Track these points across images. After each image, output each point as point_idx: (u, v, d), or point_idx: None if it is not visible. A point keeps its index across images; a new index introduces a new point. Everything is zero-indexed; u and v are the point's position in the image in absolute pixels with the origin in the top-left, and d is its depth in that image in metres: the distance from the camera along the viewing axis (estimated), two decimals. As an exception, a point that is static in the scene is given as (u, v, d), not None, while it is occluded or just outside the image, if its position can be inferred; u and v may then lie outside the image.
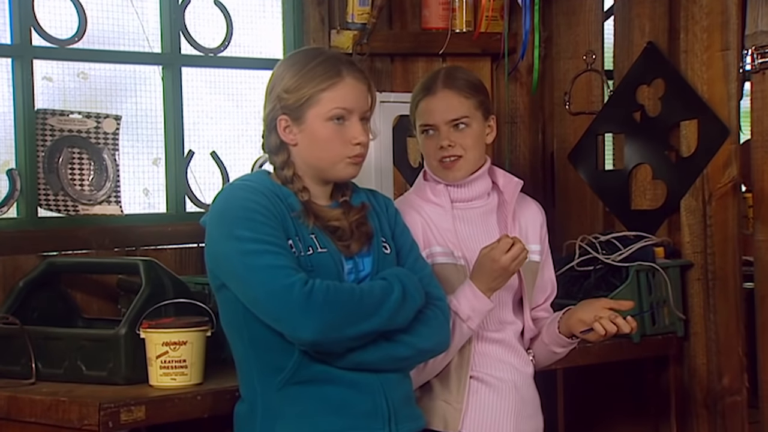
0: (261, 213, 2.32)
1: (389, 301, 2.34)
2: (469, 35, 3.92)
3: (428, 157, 2.72)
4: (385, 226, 2.53)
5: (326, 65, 2.41)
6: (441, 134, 2.68)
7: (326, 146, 2.39)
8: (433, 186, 2.76)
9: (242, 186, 2.39)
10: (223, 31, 3.59)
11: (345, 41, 3.73)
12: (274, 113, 2.42)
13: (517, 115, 4.04)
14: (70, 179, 3.28)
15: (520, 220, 2.82)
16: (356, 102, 2.40)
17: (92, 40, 3.30)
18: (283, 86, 2.40)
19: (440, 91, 2.69)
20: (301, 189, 2.42)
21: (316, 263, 2.36)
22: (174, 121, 3.45)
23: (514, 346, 2.81)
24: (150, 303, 2.81)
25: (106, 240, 3.26)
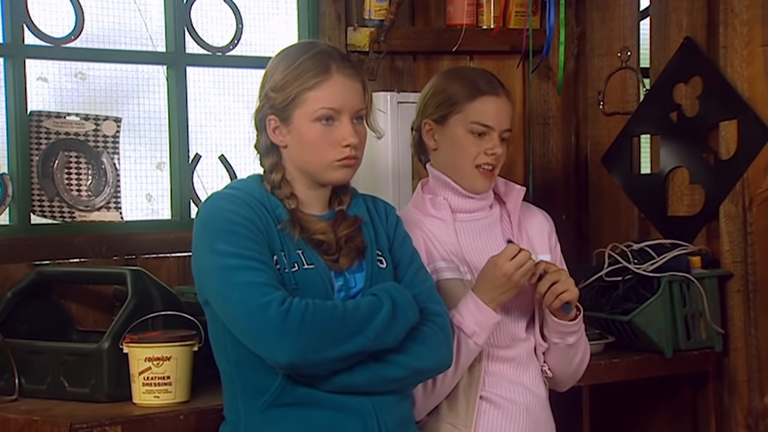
0: (244, 226, 2.21)
1: (376, 319, 2.19)
2: (498, 32, 3.78)
3: (466, 158, 2.57)
4: (382, 237, 2.40)
5: (314, 61, 2.28)
6: (493, 138, 2.56)
7: (313, 149, 2.27)
8: (432, 199, 2.64)
9: (227, 196, 2.28)
10: (232, 29, 3.48)
11: (362, 39, 3.61)
12: (263, 113, 2.31)
13: (550, 116, 3.91)
14: (66, 184, 3.18)
15: (526, 230, 2.70)
16: (345, 101, 2.27)
17: (91, 38, 3.20)
18: (271, 84, 2.30)
19: (502, 95, 2.58)
20: (288, 195, 2.30)
21: (302, 280, 2.24)
22: (179, 123, 3.34)
23: (527, 366, 2.66)
24: (136, 315, 2.69)
25: (103, 248, 3.15)
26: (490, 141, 2.57)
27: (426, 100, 2.65)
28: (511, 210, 2.68)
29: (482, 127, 2.56)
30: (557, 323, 2.58)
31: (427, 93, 2.66)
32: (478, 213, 2.66)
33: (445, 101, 2.60)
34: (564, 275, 2.51)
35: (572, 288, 2.50)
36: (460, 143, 2.57)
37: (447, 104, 2.59)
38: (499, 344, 2.61)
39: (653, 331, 3.26)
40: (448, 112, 2.58)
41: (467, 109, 2.56)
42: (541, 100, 3.89)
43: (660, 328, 3.26)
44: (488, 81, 2.59)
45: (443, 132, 2.60)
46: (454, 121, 2.58)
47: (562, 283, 2.49)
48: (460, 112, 2.57)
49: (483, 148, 2.56)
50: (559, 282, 2.49)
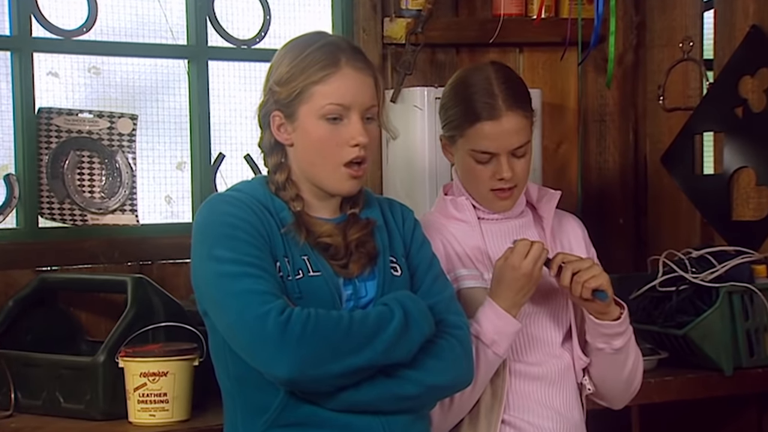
0: (243, 230, 2.07)
1: (386, 331, 2.03)
2: (549, 22, 3.63)
3: (476, 184, 2.42)
4: (397, 243, 2.24)
5: (322, 53, 2.13)
6: (501, 163, 2.37)
7: (319, 149, 2.12)
8: (453, 200, 2.47)
9: (227, 198, 2.14)
10: (260, 21, 3.37)
11: (398, 30, 3.47)
12: (267, 108, 2.17)
13: (606, 113, 3.78)
14: (78, 186, 3.08)
15: (561, 238, 2.52)
16: (355, 97, 2.11)
17: (105, 31, 3.10)
18: (276, 77, 2.15)
19: (505, 115, 2.35)
20: (293, 197, 2.16)
21: (307, 289, 2.09)
22: (200, 120, 3.22)
23: (560, 385, 2.45)
24: (134, 327, 2.57)
25: (116, 253, 3.03)
26: (497, 165, 2.39)
27: (440, 109, 2.49)
28: (544, 216, 2.51)
29: (483, 155, 2.39)
30: (598, 324, 2.38)
31: (442, 100, 2.49)
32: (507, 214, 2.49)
33: (449, 122, 2.44)
34: (586, 263, 2.33)
35: (599, 273, 2.31)
36: (469, 168, 2.42)
37: (451, 126, 2.43)
38: (527, 359, 2.42)
39: (710, 347, 3.06)
40: (454, 134, 2.43)
41: (467, 135, 2.39)
42: (597, 96, 3.75)
43: (718, 343, 3.06)
44: (487, 99, 2.37)
45: (455, 152, 2.45)
46: (460, 145, 2.42)
47: (585, 270, 2.31)
48: (462, 137, 2.40)
49: (491, 174, 2.40)
50: (582, 270, 2.30)
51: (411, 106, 3.31)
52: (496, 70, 2.42)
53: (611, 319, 2.37)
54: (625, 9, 3.68)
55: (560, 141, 3.73)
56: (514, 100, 2.37)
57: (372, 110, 2.14)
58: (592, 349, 2.43)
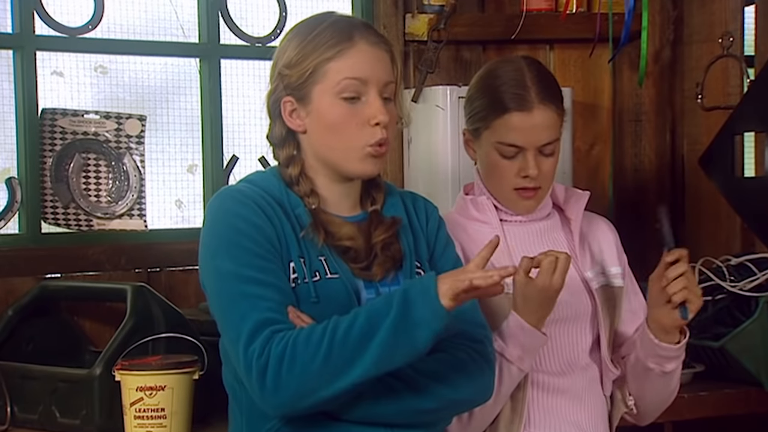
0: (249, 237, 1.97)
1: (375, 339, 1.87)
2: (581, 17, 3.53)
3: (499, 181, 2.33)
4: (422, 245, 2.14)
5: (334, 29, 2.03)
6: (527, 159, 2.28)
7: (337, 130, 2.02)
8: (474, 200, 2.38)
9: (236, 194, 2.03)
10: (275, 17, 3.29)
11: (420, 27, 3.37)
12: (277, 95, 2.06)
13: (642, 112, 3.66)
14: (84, 189, 3.00)
15: (590, 243, 2.42)
16: (372, 71, 2.01)
17: (113, 28, 3.04)
18: (284, 60, 2.05)
19: (537, 107, 2.27)
20: (308, 193, 2.06)
21: (324, 292, 1.99)
22: (212, 121, 3.15)
23: (586, 399, 2.36)
24: (133, 338, 2.49)
25: (123, 260, 2.96)
26: (524, 161, 2.29)
27: (465, 102, 2.41)
28: (572, 218, 2.41)
29: (510, 148, 2.29)
30: (656, 344, 2.29)
31: (468, 93, 2.41)
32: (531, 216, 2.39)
33: (475, 113, 2.35)
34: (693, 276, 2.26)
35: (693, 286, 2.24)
36: (492, 164, 2.33)
37: (477, 118, 2.35)
38: (551, 370, 2.32)
39: (749, 360, 2.96)
40: (479, 127, 2.34)
41: (493, 126, 2.30)
42: (632, 94, 3.64)
43: (758, 356, 2.95)
44: (519, 91, 2.28)
45: (478, 146, 2.36)
46: (485, 138, 2.33)
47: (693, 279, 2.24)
48: (488, 129, 2.32)
49: (517, 170, 2.30)
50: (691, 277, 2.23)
51: (433, 106, 3.22)
52: (529, 63, 2.35)
53: (672, 341, 2.28)
54: (662, 3, 3.58)
55: (593, 142, 3.63)
56: (546, 94, 2.29)
57: (389, 88, 2.04)
58: (640, 367, 2.34)
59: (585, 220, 2.42)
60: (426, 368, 1.99)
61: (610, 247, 2.44)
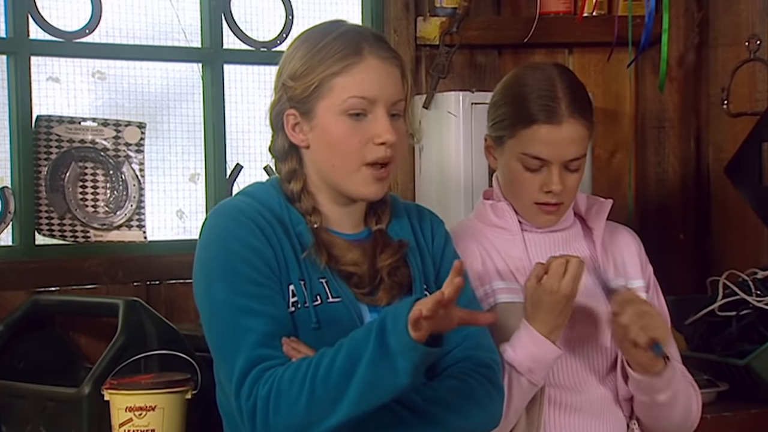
0: (245, 260, 1.90)
1: (354, 377, 1.79)
2: (601, 20, 3.45)
3: (520, 194, 2.27)
4: (428, 263, 2.07)
5: (342, 41, 1.97)
6: (552, 174, 2.22)
7: (341, 148, 1.96)
8: (494, 205, 2.31)
9: (234, 212, 1.96)
10: (281, 21, 3.22)
11: (432, 31, 3.29)
12: (280, 107, 2.01)
13: (665, 119, 3.58)
14: (80, 199, 2.93)
15: (613, 253, 2.35)
16: (381, 89, 1.95)
17: (111, 32, 2.96)
18: (289, 71, 1.99)
19: (566, 121, 2.21)
20: (310, 211, 1.99)
21: (326, 316, 1.93)
22: (215, 129, 3.08)
23: (603, 418, 2.29)
24: (124, 355, 2.43)
25: (120, 273, 2.88)
26: (548, 175, 2.23)
27: (489, 107, 2.34)
28: (594, 227, 2.35)
29: (534, 161, 2.22)
30: (638, 379, 2.22)
31: (493, 98, 2.34)
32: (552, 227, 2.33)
33: (499, 120, 2.28)
34: (651, 307, 2.18)
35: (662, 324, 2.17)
36: (514, 175, 2.26)
37: (501, 125, 2.28)
38: (566, 385, 2.26)
39: None
40: (503, 135, 2.27)
41: (519, 136, 2.24)
42: (655, 100, 3.55)
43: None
44: (549, 102, 2.21)
45: (500, 154, 2.29)
46: (509, 147, 2.26)
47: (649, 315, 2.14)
48: (513, 138, 2.25)
49: (540, 184, 2.24)
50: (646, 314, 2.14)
51: (445, 113, 3.15)
52: (561, 72, 2.28)
53: (653, 372, 2.20)
54: (686, 4, 3.50)
55: (614, 149, 3.54)
56: (576, 107, 2.22)
57: (399, 105, 1.97)
58: (635, 400, 2.27)
59: (607, 230, 2.35)
60: (433, 395, 1.94)
61: (633, 258, 2.37)
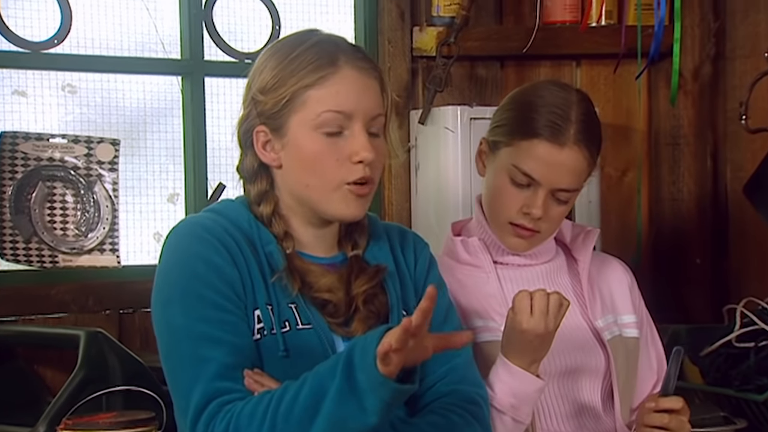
0: (207, 282, 1.81)
1: (319, 415, 1.67)
2: (611, 30, 3.34)
3: (500, 208, 2.16)
4: (409, 290, 1.96)
5: (316, 52, 1.87)
6: (537, 196, 2.11)
7: (314, 167, 1.86)
8: (464, 241, 2.20)
9: (197, 230, 1.86)
10: (267, 30, 3.13)
11: (428, 41, 3.21)
12: (249, 123, 1.92)
13: (680, 135, 3.49)
14: (48, 222, 2.82)
15: (600, 287, 2.23)
16: (358, 103, 1.85)
17: (83, 43, 2.89)
18: (259, 84, 1.89)
19: (570, 147, 2.11)
20: (282, 236, 1.88)
21: (294, 345, 1.82)
22: (196, 146, 3.01)
23: None
24: (84, 391, 2.33)
25: (90, 300, 2.78)
26: (533, 196, 2.11)
27: (496, 110, 2.24)
28: (580, 258, 2.23)
29: (523, 177, 2.11)
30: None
31: (504, 102, 2.24)
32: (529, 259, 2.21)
33: (501, 125, 2.18)
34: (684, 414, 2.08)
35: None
36: (500, 186, 2.15)
37: (501, 130, 2.17)
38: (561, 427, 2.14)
39: None
40: (500, 141, 2.16)
41: (518, 146, 2.13)
42: (669, 115, 3.46)
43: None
44: (558, 120, 2.11)
45: (491, 162, 2.19)
46: (502, 155, 2.15)
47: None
48: (510, 146, 2.14)
49: (521, 203, 2.13)
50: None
51: (442, 128, 3.04)
52: (581, 99, 2.17)
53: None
54: (702, 14, 3.40)
55: (625, 168, 3.44)
56: (584, 136, 2.12)
57: (378, 121, 1.87)
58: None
59: (595, 262, 2.23)
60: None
61: (624, 291, 2.26)
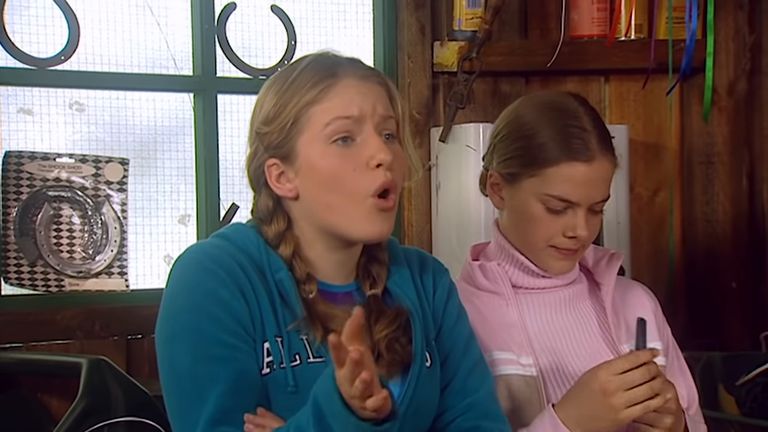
0: (213, 317, 1.70)
1: None
2: (640, 44, 3.26)
3: (536, 236, 2.04)
4: (430, 323, 1.85)
5: (312, 69, 1.77)
6: (578, 218, 2.00)
7: (333, 183, 1.74)
8: (483, 266, 2.08)
9: (203, 260, 1.75)
10: (282, 46, 3.08)
11: (449, 56, 3.14)
12: (258, 159, 1.80)
13: (714, 153, 3.41)
14: (54, 244, 2.80)
15: (625, 314, 2.10)
16: (364, 105, 1.74)
17: (91, 59, 2.88)
18: (261, 117, 1.79)
19: (597, 159, 2.00)
20: (304, 279, 1.77)
21: (304, 378, 1.71)
22: (208, 165, 2.97)
23: None
24: (85, 422, 2.26)
25: (96, 326, 2.73)
26: (573, 218, 2.00)
27: (497, 139, 2.10)
28: (603, 283, 2.11)
29: (560, 202, 2.00)
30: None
31: (500, 129, 2.10)
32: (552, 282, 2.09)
33: (516, 155, 2.04)
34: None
35: None
36: (532, 217, 2.03)
37: (519, 161, 2.03)
38: None
39: None
40: (519, 173, 2.03)
41: (544, 174, 2.00)
42: (702, 133, 3.38)
43: None
44: (579, 136, 2.00)
45: (512, 194, 2.06)
46: (526, 186, 2.02)
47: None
48: (534, 176, 2.01)
49: (562, 228, 2.01)
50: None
51: (463, 146, 2.96)
52: (581, 103, 2.05)
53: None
54: (737, 27, 3.31)
55: (656, 188, 3.35)
56: (606, 142, 2.01)
57: (389, 123, 1.76)
58: None
59: (619, 288, 2.12)
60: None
61: (649, 318, 2.10)
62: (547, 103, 2.04)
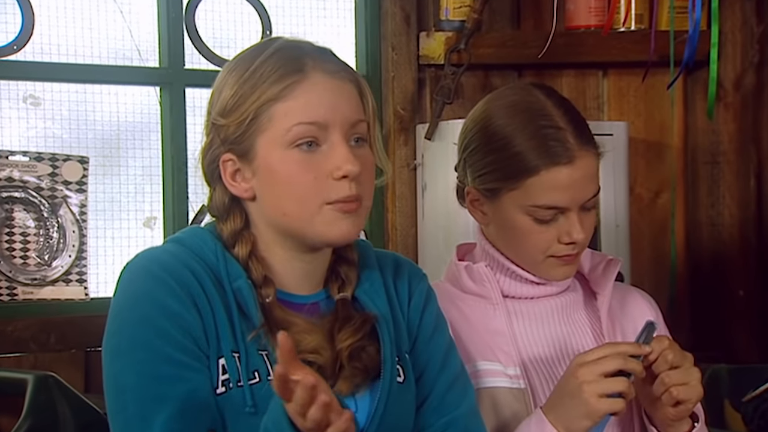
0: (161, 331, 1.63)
1: None
2: (641, 35, 3.22)
3: (534, 248, 1.99)
4: (403, 333, 1.78)
5: (277, 60, 1.69)
6: (571, 222, 1.96)
7: (291, 190, 1.67)
8: (469, 267, 2.01)
9: (153, 268, 1.68)
10: (257, 35, 3.05)
11: (436, 48, 3.14)
12: (213, 152, 1.72)
13: (720, 152, 3.41)
14: (6, 249, 2.75)
15: (623, 323, 2.05)
16: (332, 110, 1.67)
17: (47, 49, 2.84)
18: (219, 106, 1.72)
19: (578, 156, 1.94)
20: (261, 282, 1.69)
21: (264, 398, 1.62)
22: (175, 163, 2.94)
23: None
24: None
25: (52, 338, 2.68)
26: (566, 223, 1.95)
27: (467, 152, 2.03)
28: (600, 291, 2.05)
29: (548, 211, 1.94)
30: None
31: (469, 141, 2.02)
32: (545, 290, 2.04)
33: (492, 170, 1.98)
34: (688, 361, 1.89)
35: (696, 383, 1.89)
36: (521, 230, 1.97)
37: (496, 176, 1.97)
38: None
39: None
40: (498, 188, 1.97)
41: (525, 186, 1.94)
42: (707, 131, 3.38)
43: None
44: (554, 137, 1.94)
45: (495, 209, 2.00)
46: (508, 200, 1.96)
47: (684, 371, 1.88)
48: (515, 189, 1.95)
49: (556, 235, 1.96)
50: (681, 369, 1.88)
51: (451, 144, 2.88)
52: (548, 94, 1.97)
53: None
54: (744, 17, 3.29)
55: (659, 189, 3.32)
56: (583, 134, 1.94)
57: (359, 127, 1.69)
58: None
59: (615, 295, 2.06)
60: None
61: None
62: (513, 104, 1.96)
